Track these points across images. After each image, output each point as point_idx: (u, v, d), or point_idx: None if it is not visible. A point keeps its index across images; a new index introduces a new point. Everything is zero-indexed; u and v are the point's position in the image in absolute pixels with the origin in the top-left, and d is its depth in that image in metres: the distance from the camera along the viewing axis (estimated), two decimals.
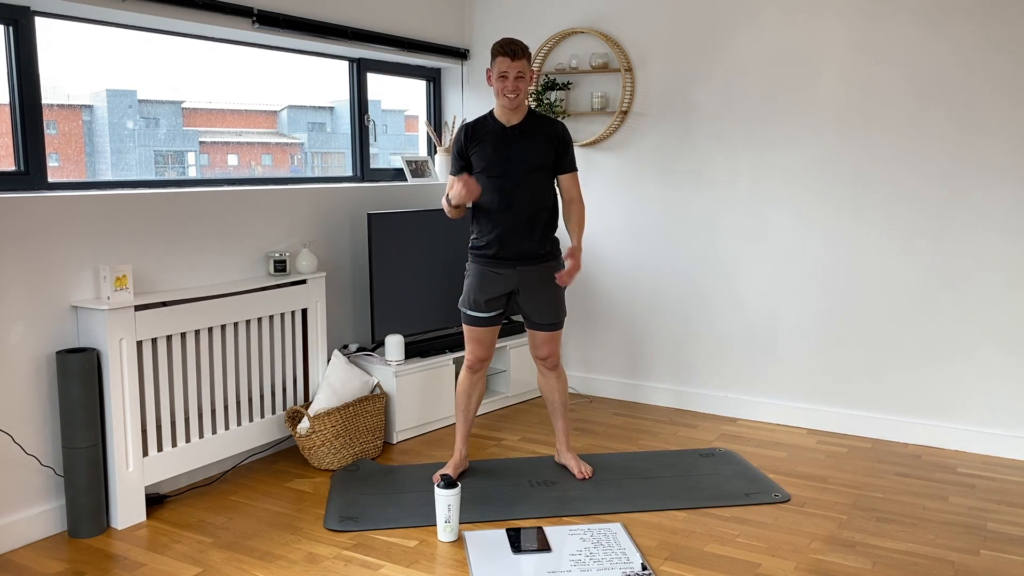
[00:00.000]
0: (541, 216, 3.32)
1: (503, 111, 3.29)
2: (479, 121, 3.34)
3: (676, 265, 4.50)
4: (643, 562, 2.76)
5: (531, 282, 3.34)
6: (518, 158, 3.26)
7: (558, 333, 3.45)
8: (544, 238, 3.34)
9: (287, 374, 3.79)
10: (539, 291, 3.36)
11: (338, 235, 4.18)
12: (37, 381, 2.98)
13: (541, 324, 3.41)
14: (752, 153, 4.22)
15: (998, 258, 3.72)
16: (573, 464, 3.54)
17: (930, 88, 3.79)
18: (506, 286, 3.34)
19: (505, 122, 3.29)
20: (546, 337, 3.44)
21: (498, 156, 3.26)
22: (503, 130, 3.28)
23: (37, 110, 3.06)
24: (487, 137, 3.28)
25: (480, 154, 3.28)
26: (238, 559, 2.83)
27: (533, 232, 3.31)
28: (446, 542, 2.95)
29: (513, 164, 3.26)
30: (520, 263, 3.32)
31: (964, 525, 3.07)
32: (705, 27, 4.28)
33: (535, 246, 3.32)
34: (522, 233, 3.29)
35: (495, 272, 3.33)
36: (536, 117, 3.34)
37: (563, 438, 3.59)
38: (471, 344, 3.44)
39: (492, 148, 3.26)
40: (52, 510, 3.03)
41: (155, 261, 3.34)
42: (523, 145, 3.27)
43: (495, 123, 3.31)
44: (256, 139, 4.22)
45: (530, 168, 3.27)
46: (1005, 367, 3.75)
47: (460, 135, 3.33)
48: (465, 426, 3.53)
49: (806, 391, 4.21)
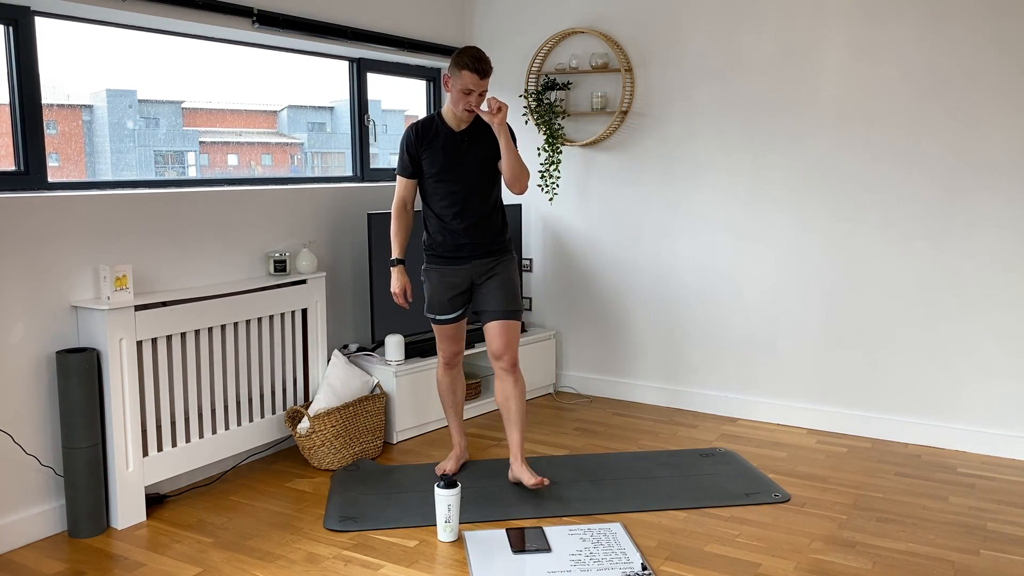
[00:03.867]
0: (492, 214, 3.34)
1: (455, 118, 3.27)
2: (426, 124, 3.30)
3: (676, 264, 4.50)
4: (643, 562, 2.76)
5: (485, 273, 3.35)
6: (469, 163, 3.26)
7: (515, 325, 3.34)
8: (496, 234, 3.36)
9: (287, 374, 3.79)
10: (492, 279, 3.35)
11: (338, 235, 4.18)
12: (37, 381, 2.98)
13: (494, 312, 3.32)
14: (752, 153, 4.22)
15: (998, 258, 3.72)
16: (527, 476, 3.27)
17: (930, 88, 3.79)
18: (464, 281, 3.36)
19: (455, 127, 3.28)
20: (501, 328, 3.31)
21: (449, 161, 3.26)
22: (452, 134, 3.27)
23: (37, 110, 3.06)
24: (437, 141, 3.27)
25: (431, 159, 3.27)
26: (238, 559, 2.83)
27: (486, 229, 3.33)
28: (446, 542, 2.95)
29: (464, 168, 3.26)
30: (475, 258, 3.34)
31: (964, 525, 3.07)
32: (705, 27, 4.28)
33: (488, 242, 3.34)
34: (474, 231, 3.30)
35: (452, 268, 3.35)
36: (478, 120, 3.32)
37: (517, 451, 3.34)
38: (444, 342, 3.47)
39: (443, 153, 3.26)
40: (52, 510, 3.03)
41: (155, 261, 3.34)
42: (473, 150, 3.27)
43: (444, 127, 3.28)
44: (256, 139, 4.22)
45: (480, 171, 3.28)
46: (1005, 367, 3.75)
47: (410, 136, 3.30)
48: (457, 419, 3.59)
49: (806, 391, 4.21)
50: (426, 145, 3.28)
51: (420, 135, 3.29)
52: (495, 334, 3.33)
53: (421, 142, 3.28)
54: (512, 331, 3.34)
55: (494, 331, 3.33)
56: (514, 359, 3.35)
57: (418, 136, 3.29)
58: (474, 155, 3.27)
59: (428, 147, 3.27)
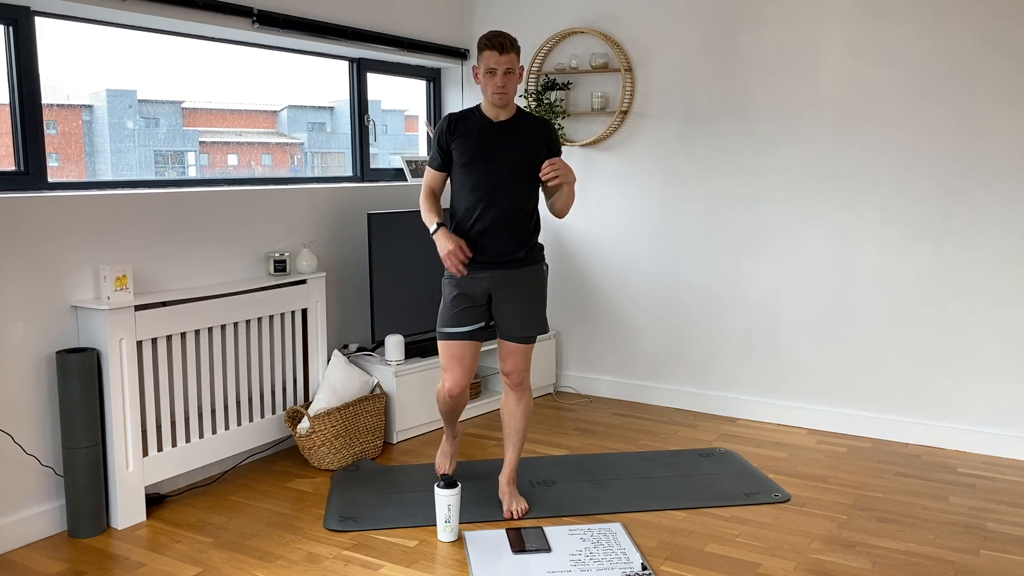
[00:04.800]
0: (521, 219, 3.05)
1: (491, 108, 3.03)
2: (465, 113, 3.07)
3: (676, 265, 4.50)
4: (643, 562, 2.76)
5: (505, 287, 3.06)
6: (503, 156, 3.00)
7: (528, 348, 3.13)
8: (523, 243, 3.07)
9: (287, 374, 3.79)
10: (513, 299, 3.08)
11: (338, 235, 4.18)
12: (37, 381, 2.98)
13: (512, 335, 3.10)
14: (752, 153, 4.22)
15: (998, 258, 3.72)
16: (507, 502, 3.16)
17: (930, 88, 3.79)
18: (482, 294, 3.07)
19: (493, 117, 3.03)
20: (512, 349, 3.11)
21: (482, 151, 3.00)
22: (490, 125, 3.02)
23: (37, 110, 3.06)
24: (472, 130, 3.02)
25: (462, 147, 3.01)
26: (238, 559, 2.83)
27: (512, 235, 3.04)
28: (446, 542, 2.95)
29: (497, 161, 3.00)
30: (495, 267, 3.05)
31: (964, 525, 3.07)
32: (705, 27, 4.28)
33: (513, 250, 3.05)
34: (499, 235, 3.02)
35: (469, 277, 3.05)
36: (526, 116, 3.09)
37: (509, 472, 3.22)
38: (451, 365, 3.10)
39: (476, 142, 3.00)
40: (52, 510, 3.03)
41: (155, 261, 3.34)
42: (511, 143, 3.01)
43: (482, 117, 3.04)
44: (256, 139, 4.22)
45: (515, 167, 3.01)
46: (1005, 367, 3.75)
47: (443, 124, 3.05)
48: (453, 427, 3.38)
49: (806, 391, 4.21)
50: (459, 134, 3.02)
51: (454, 124, 3.04)
52: (508, 353, 3.13)
53: (454, 131, 3.03)
54: (526, 355, 3.14)
55: (508, 350, 3.13)
56: (522, 378, 3.16)
57: (451, 125, 3.04)
58: (512, 151, 3.01)
59: (461, 136, 3.02)
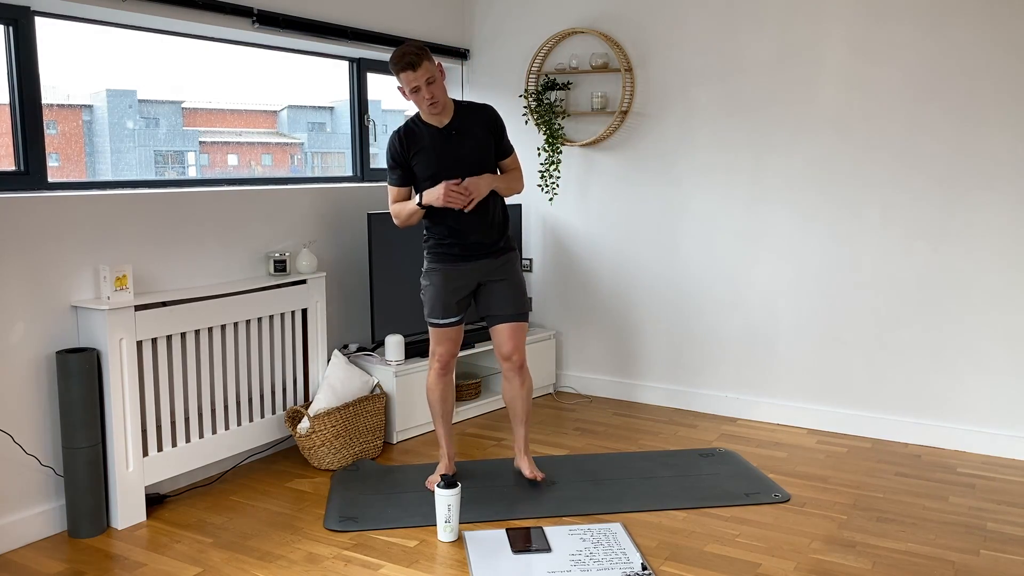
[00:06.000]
0: (491, 209, 3.24)
1: (432, 116, 3.16)
2: (409, 127, 3.18)
3: (676, 265, 4.50)
4: (643, 562, 2.76)
5: (491, 274, 3.28)
6: (462, 158, 3.15)
7: (523, 325, 3.33)
8: (501, 232, 3.29)
9: (287, 374, 3.79)
10: (499, 281, 3.29)
11: (338, 235, 4.18)
12: (37, 381, 2.98)
13: (504, 315, 3.30)
14: (752, 153, 4.22)
15: (998, 258, 3.72)
16: (526, 466, 3.45)
17: (930, 88, 3.79)
18: (471, 282, 3.28)
19: (438, 124, 3.16)
20: (511, 330, 3.31)
21: (442, 161, 3.14)
22: (438, 132, 3.15)
23: (37, 110, 3.06)
24: (424, 144, 3.15)
25: (423, 163, 3.15)
26: (238, 559, 2.83)
27: (491, 227, 3.25)
28: (446, 542, 2.95)
29: (459, 165, 3.15)
30: (478, 258, 3.26)
31: (964, 525, 3.07)
32: (705, 27, 4.28)
33: (492, 241, 3.26)
34: (479, 229, 3.22)
35: (459, 269, 3.26)
36: (464, 108, 3.20)
37: (522, 444, 3.48)
38: (442, 344, 3.34)
39: (435, 153, 3.14)
40: (52, 510, 3.03)
41: (155, 261, 3.34)
42: (462, 145, 3.16)
43: (427, 127, 3.16)
44: (256, 139, 4.22)
45: (475, 165, 3.16)
46: (1005, 367, 3.75)
47: (394, 143, 3.17)
48: (447, 428, 3.43)
49: (806, 391, 4.21)
50: (415, 149, 3.16)
51: (405, 141, 3.16)
52: (505, 337, 3.32)
53: (408, 148, 3.16)
54: (522, 332, 3.34)
55: (504, 334, 3.32)
56: (523, 359, 3.36)
57: (402, 143, 3.16)
58: (466, 147, 3.16)
59: (417, 151, 3.16)
